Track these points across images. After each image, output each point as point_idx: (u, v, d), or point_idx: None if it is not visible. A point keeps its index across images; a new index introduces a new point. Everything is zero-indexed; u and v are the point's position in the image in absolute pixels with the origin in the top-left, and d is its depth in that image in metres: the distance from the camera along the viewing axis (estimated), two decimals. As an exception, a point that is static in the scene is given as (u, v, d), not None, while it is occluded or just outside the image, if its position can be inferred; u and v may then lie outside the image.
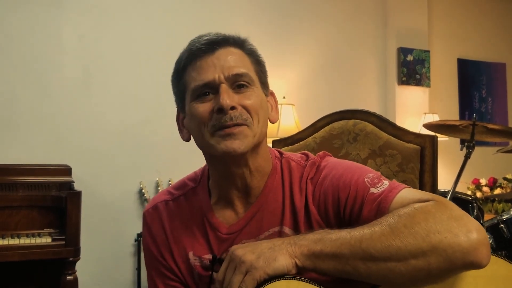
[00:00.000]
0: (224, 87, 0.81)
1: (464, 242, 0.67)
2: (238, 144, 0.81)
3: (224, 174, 0.87)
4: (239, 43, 0.87)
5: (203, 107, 0.82)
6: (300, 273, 0.73)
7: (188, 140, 0.92)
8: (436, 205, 0.72)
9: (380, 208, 0.77)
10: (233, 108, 0.81)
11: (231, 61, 0.83)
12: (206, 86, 0.82)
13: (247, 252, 0.73)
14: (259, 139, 0.86)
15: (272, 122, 0.90)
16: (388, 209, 0.76)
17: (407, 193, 0.78)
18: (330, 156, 0.95)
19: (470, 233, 0.68)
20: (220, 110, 0.80)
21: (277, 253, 0.72)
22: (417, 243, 0.67)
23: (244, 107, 0.82)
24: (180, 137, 0.93)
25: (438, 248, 0.67)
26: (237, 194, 0.89)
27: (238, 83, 0.83)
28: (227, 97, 0.80)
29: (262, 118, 0.85)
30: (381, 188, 0.80)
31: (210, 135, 0.83)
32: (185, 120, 0.90)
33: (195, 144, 0.89)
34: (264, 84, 0.89)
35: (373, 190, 0.80)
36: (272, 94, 0.93)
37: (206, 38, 0.83)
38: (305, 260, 0.72)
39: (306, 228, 0.85)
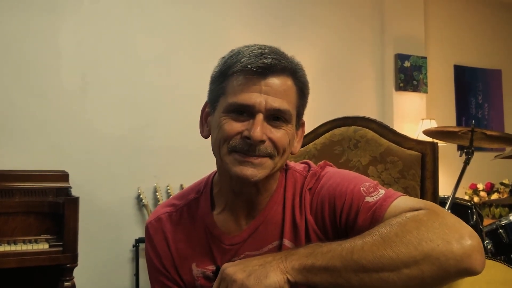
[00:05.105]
0: (260, 117, 0.80)
1: (457, 249, 0.67)
2: (252, 173, 0.80)
3: (231, 187, 0.88)
4: (293, 72, 0.84)
5: (232, 126, 0.81)
6: None
7: (206, 137, 0.90)
8: (428, 213, 0.72)
9: (374, 216, 0.77)
10: (262, 141, 0.80)
11: (278, 92, 0.81)
12: (243, 107, 0.81)
13: (238, 270, 0.72)
14: (276, 169, 0.86)
15: (292, 154, 0.88)
16: (382, 218, 0.76)
17: (401, 201, 0.78)
18: (331, 166, 0.95)
19: (463, 239, 0.67)
20: (248, 139, 0.80)
21: (268, 269, 0.71)
22: (409, 252, 0.67)
23: (272, 141, 0.82)
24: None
25: (430, 256, 0.67)
26: (241, 206, 0.89)
27: (275, 116, 0.82)
28: (260, 130, 0.79)
29: (286, 152, 0.85)
30: (376, 197, 0.80)
31: (228, 152, 0.82)
32: (209, 118, 0.88)
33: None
34: (300, 117, 0.88)
35: (368, 199, 0.80)
36: (302, 125, 0.91)
37: (264, 61, 0.79)
38: (297, 275, 0.71)
39: (306, 239, 0.85)
